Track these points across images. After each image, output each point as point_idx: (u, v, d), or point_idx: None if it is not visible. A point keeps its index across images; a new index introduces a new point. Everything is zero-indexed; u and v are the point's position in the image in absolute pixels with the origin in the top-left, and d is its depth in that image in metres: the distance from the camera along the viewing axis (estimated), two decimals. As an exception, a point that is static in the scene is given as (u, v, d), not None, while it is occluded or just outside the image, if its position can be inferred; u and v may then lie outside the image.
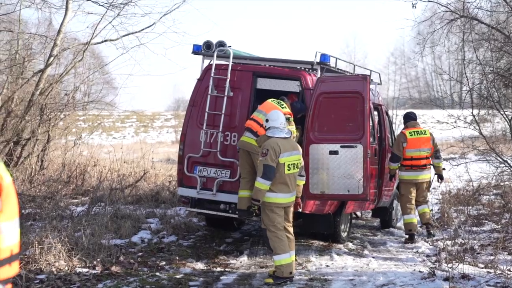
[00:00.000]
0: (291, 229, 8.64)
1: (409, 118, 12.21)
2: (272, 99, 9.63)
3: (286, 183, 8.36)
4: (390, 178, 12.10)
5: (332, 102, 9.77)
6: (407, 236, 11.82)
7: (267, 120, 8.61)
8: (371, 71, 12.45)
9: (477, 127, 12.60)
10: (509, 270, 8.70)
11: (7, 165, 13.86)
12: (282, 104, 9.48)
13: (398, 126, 43.13)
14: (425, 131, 12.08)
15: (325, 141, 9.64)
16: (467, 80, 13.19)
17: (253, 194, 8.42)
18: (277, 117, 8.52)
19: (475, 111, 12.86)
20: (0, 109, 14.52)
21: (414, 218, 11.92)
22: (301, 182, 8.78)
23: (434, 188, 18.72)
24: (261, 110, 9.44)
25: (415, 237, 11.74)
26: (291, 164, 8.39)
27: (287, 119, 9.02)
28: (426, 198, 12.16)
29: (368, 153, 9.54)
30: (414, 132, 11.95)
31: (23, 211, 11.29)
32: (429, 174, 12.12)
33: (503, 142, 15.99)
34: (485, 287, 7.85)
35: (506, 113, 12.37)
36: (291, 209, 8.72)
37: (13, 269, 3.29)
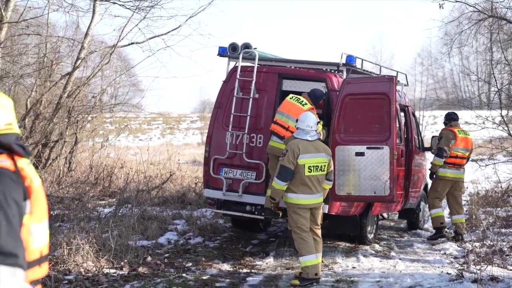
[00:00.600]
0: (319, 232, 8.61)
1: (452, 119, 12.22)
2: (291, 96, 9.58)
3: (307, 185, 8.32)
4: (432, 175, 12.04)
5: (358, 104, 9.73)
6: (433, 231, 11.87)
7: (297, 120, 8.66)
8: (397, 72, 12.38)
9: (506, 128, 12.46)
10: (538, 272, 8.60)
11: (36, 167, 14.03)
12: (302, 101, 9.45)
13: (425, 128, 42.98)
14: (469, 133, 12.24)
15: (351, 143, 9.60)
16: (495, 80, 13.05)
17: (271, 193, 8.50)
18: (304, 118, 8.50)
19: (504, 112, 12.73)
20: (29, 112, 14.70)
21: (442, 211, 11.94)
22: (327, 186, 8.67)
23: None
24: (283, 112, 9.44)
25: (444, 231, 11.78)
26: (314, 166, 8.34)
27: (317, 123, 8.95)
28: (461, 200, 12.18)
29: (395, 154, 9.49)
30: (461, 131, 12.06)
31: (51, 212, 11.42)
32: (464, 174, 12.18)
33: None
34: (514, 289, 7.77)
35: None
36: (320, 211, 8.65)
37: (42, 270, 3.32)
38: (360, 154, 9.50)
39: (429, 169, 12.14)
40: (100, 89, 18.50)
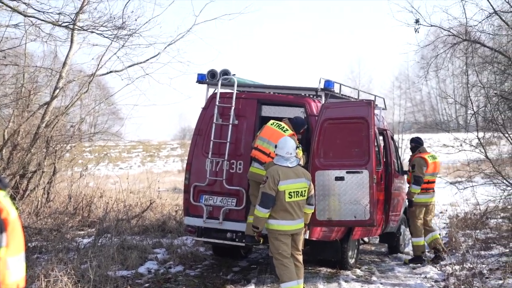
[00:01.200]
0: (300, 257, 8.58)
1: (420, 144, 12.39)
2: (272, 122, 9.60)
3: (288, 211, 8.29)
4: (410, 203, 12.15)
5: (337, 128, 9.77)
6: (412, 257, 11.96)
7: (275, 146, 8.65)
8: (375, 96, 12.48)
9: (483, 150, 12.58)
10: (519, 294, 8.62)
11: (13, 198, 13.87)
12: (283, 127, 9.47)
13: (404, 151, 43.20)
14: (437, 156, 12.47)
15: (330, 167, 9.62)
16: (471, 103, 13.21)
17: (253, 221, 8.45)
18: (283, 145, 8.48)
19: (480, 134, 12.85)
20: (6, 143, 14.57)
21: (424, 240, 12.04)
22: (309, 210, 8.64)
23: (441, 213, 18.64)
24: (264, 138, 9.44)
25: (424, 256, 11.90)
26: (294, 192, 8.32)
27: (297, 147, 8.96)
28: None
29: (374, 178, 9.52)
30: (431, 156, 12.25)
31: (29, 244, 11.27)
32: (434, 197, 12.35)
33: (509, 164, 15.94)
34: (495, 311, 7.77)
35: (511, 135, 12.33)
36: (301, 237, 8.62)
37: None
38: (340, 178, 9.52)
39: (407, 198, 12.25)
40: (79, 118, 18.42)
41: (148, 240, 12.30)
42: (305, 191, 8.43)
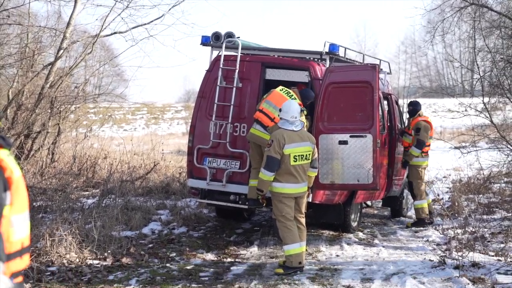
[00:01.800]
0: (303, 220, 8.65)
1: (419, 107, 12.34)
2: (281, 88, 9.58)
3: (292, 174, 8.35)
4: (405, 164, 12.12)
5: (341, 92, 9.74)
6: (415, 220, 12.02)
7: (280, 110, 8.62)
8: (380, 60, 12.41)
9: (488, 115, 12.54)
10: (520, 258, 8.68)
11: (18, 158, 13.93)
12: (292, 95, 9.44)
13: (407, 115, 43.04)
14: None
15: (334, 131, 9.61)
16: (478, 68, 13.11)
17: (258, 184, 8.50)
18: (288, 109, 8.48)
19: (486, 99, 12.78)
20: (10, 103, 14.58)
21: (426, 203, 12.11)
22: (313, 173, 8.72)
23: (445, 177, 18.68)
24: (271, 102, 9.40)
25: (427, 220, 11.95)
26: (299, 155, 8.37)
27: (301, 111, 8.96)
28: None
29: (378, 142, 9.52)
30: (430, 121, 12.17)
31: (34, 203, 11.36)
32: None
33: (514, 130, 15.90)
34: (496, 275, 7.85)
35: (516, 100, 12.29)
36: (304, 200, 8.70)
37: (23, 261, 3.31)
38: (344, 142, 9.52)
39: (405, 159, 12.17)
40: (83, 79, 18.38)
41: (152, 201, 12.38)
42: (309, 154, 8.47)
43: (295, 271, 8.33)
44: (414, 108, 12.37)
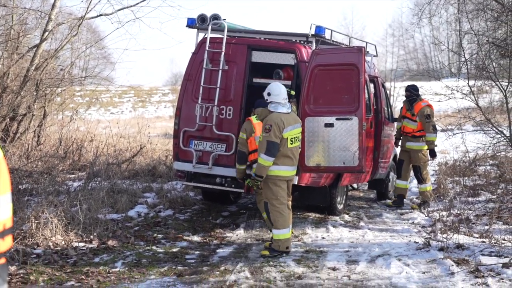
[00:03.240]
0: (289, 204, 8.67)
1: (417, 92, 12.35)
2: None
3: (289, 157, 8.40)
4: (433, 153, 12.08)
5: (327, 75, 9.73)
6: (419, 202, 12.10)
7: (268, 94, 8.53)
8: (366, 43, 12.40)
9: (473, 98, 12.58)
10: (503, 239, 8.77)
11: (3, 141, 13.86)
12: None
13: (396, 99, 43.15)
14: None
15: (320, 114, 9.61)
16: (463, 51, 13.12)
17: (257, 170, 8.39)
18: (278, 91, 8.46)
19: (472, 82, 12.81)
20: (-5, 85, 14.46)
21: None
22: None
23: (430, 160, 18.76)
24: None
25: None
26: (294, 138, 8.44)
27: (290, 94, 8.95)
28: None
29: (364, 125, 9.53)
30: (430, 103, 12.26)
31: (20, 186, 11.31)
32: None
33: (499, 112, 15.98)
34: (480, 256, 7.92)
35: (502, 83, 12.32)
36: (291, 183, 8.74)
37: (6, 243, 3.30)
38: (330, 125, 9.53)
39: (429, 147, 12.04)
40: (69, 62, 18.26)
41: (138, 184, 12.36)
42: (299, 136, 8.56)
43: (280, 254, 8.36)
44: (413, 92, 12.33)
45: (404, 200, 12.47)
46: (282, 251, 8.37)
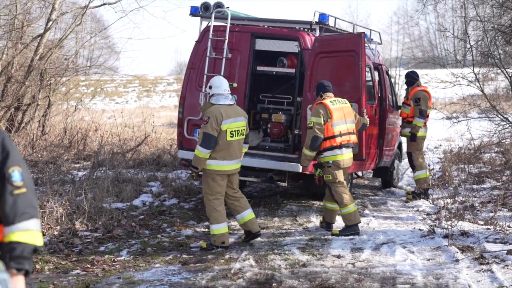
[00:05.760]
0: (238, 194, 8.48)
1: (416, 78, 12.13)
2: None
3: (228, 150, 8.18)
4: (414, 137, 11.80)
5: (328, 62, 9.72)
6: (417, 192, 11.87)
7: (210, 87, 8.30)
8: (371, 30, 12.35)
9: (479, 85, 12.53)
10: (508, 226, 8.76)
11: (8, 130, 13.89)
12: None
13: (401, 86, 43.00)
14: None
15: None
16: (468, 38, 13.06)
17: (192, 161, 8.21)
18: (219, 83, 8.27)
19: (477, 69, 12.76)
20: (0, 75, 14.48)
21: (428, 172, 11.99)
22: (244, 149, 8.58)
23: (436, 147, 18.74)
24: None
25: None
26: (235, 131, 8.20)
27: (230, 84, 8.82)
28: None
29: (364, 112, 9.49)
30: (429, 90, 11.99)
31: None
32: None
33: (505, 99, 15.93)
34: (484, 243, 7.90)
35: (507, 70, 12.26)
36: (237, 176, 8.53)
37: None
38: None
39: (411, 132, 11.83)
40: (74, 52, 18.26)
41: (143, 173, 12.38)
42: (244, 129, 8.34)
43: (215, 248, 8.16)
44: (411, 78, 12.16)
45: (429, 189, 12.01)
46: (217, 246, 8.18)
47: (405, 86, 12.51)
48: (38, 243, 3.08)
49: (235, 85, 9.39)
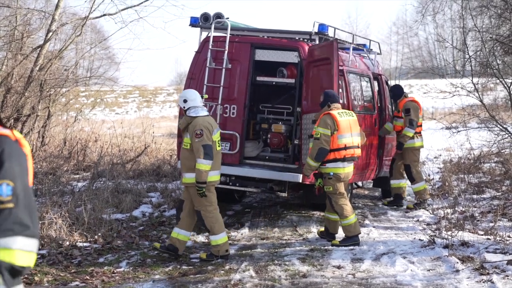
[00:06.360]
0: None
1: (402, 90, 12.15)
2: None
3: (218, 160, 8.20)
4: (400, 146, 11.75)
5: (315, 70, 9.83)
6: (415, 202, 11.89)
7: (185, 101, 8.17)
8: (370, 40, 12.39)
9: (478, 95, 12.54)
10: (508, 236, 8.74)
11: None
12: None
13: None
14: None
15: (311, 110, 9.64)
16: (467, 48, 13.09)
17: (197, 177, 7.94)
18: (194, 96, 8.20)
19: (476, 79, 12.78)
20: (-1, 86, 14.49)
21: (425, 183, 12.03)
22: None
23: (436, 157, 18.74)
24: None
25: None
26: (219, 141, 8.25)
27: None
28: None
29: None
30: (417, 100, 12.00)
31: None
32: None
33: (504, 109, 15.94)
34: (484, 253, 7.89)
35: (506, 80, 12.28)
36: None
37: None
38: (314, 121, 9.39)
39: (399, 140, 11.83)
40: (74, 63, 18.29)
41: (143, 184, 12.37)
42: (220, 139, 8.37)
43: (217, 259, 8.11)
44: (397, 91, 12.12)
45: (404, 199, 12.19)
46: (222, 255, 8.14)
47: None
48: (17, 262, 2.88)
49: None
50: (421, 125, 11.96)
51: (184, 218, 8.31)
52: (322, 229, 9.41)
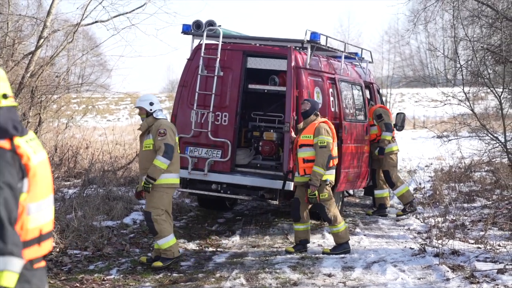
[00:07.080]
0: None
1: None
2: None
3: (178, 163, 8.25)
4: (382, 151, 11.78)
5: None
6: (402, 207, 11.92)
7: (151, 104, 8.18)
8: (362, 49, 12.44)
9: (469, 104, 12.59)
10: (499, 245, 8.77)
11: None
12: None
13: (393, 105, 43.26)
14: None
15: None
16: (458, 57, 13.14)
17: (150, 172, 7.91)
18: (157, 99, 8.33)
19: (467, 88, 12.83)
20: (-10, 92, 14.42)
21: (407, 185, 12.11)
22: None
23: (427, 166, 18.78)
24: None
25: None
26: (178, 144, 8.35)
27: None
28: None
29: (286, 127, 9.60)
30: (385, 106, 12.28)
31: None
32: None
33: (495, 118, 16.00)
34: (475, 262, 7.91)
35: (497, 90, 12.34)
36: None
37: (43, 248, 3.28)
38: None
39: (380, 145, 11.81)
40: (66, 69, 18.24)
41: (134, 191, 12.31)
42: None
43: (172, 261, 8.09)
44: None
45: (387, 209, 12.19)
46: (176, 257, 8.11)
47: (396, 105, 12.58)
48: None
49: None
50: (394, 130, 12.04)
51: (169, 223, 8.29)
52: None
